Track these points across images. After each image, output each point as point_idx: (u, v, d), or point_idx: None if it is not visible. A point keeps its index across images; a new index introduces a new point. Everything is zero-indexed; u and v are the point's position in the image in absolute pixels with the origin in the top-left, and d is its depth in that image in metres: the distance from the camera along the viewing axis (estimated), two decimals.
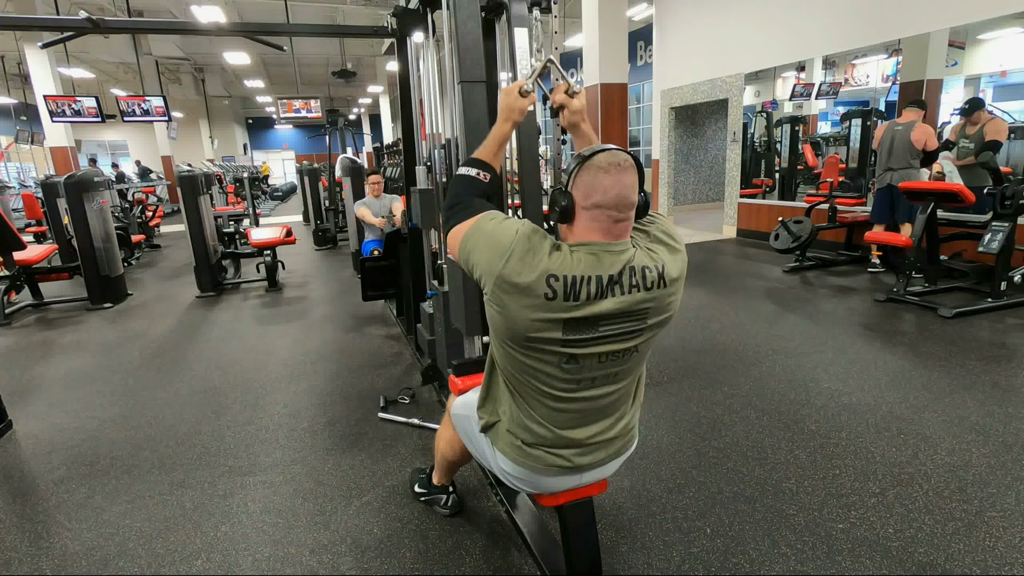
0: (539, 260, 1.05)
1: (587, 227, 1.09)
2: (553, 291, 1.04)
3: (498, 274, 1.06)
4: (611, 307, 1.06)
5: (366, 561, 1.63)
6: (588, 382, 1.15)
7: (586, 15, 5.49)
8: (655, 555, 1.62)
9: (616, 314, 1.08)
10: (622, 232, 1.09)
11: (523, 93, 1.29)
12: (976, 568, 1.52)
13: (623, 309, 1.08)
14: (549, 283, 1.04)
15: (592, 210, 1.07)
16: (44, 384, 3.12)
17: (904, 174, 4.33)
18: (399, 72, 3.08)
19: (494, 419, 1.29)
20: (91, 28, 3.16)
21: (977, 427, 2.24)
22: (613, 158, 1.06)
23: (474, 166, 1.28)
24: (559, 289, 1.04)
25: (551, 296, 1.04)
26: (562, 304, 1.04)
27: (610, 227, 1.08)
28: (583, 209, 1.08)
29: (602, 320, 1.07)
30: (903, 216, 4.42)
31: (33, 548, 1.75)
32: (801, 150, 6.67)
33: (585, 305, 1.05)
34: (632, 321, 1.10)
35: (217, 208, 7.23)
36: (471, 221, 1.15)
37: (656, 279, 1.09)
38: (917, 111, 4.36)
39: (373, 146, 17.09)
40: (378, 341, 3.62)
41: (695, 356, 3.12)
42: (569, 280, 1.04)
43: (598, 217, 1.07)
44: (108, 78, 16.11)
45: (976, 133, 4.21)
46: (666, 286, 1.11)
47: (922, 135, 4.24)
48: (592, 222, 1.08)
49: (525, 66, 1.95)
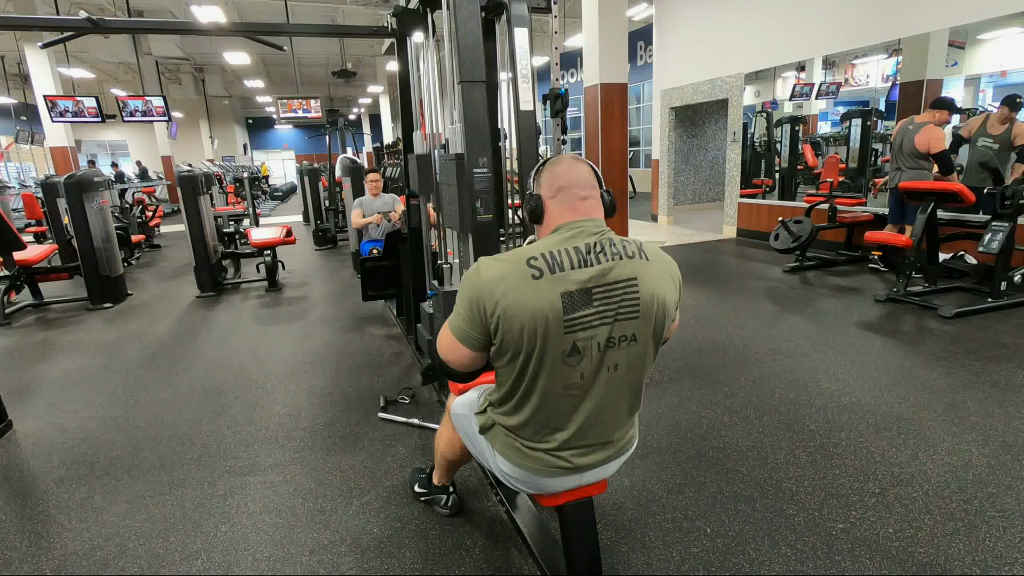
0: (511, 268, 1.10)
1: (557, 212, 1.18)
2: (538, 270, 1.09)
3: (497, 311, 1.09)
4: (597, 273, 1.11)
5: (366, 561, 1.63)
6: (590, 378, 1.15)
7: (586, 15, 5.49)
8: (655, 555, 1.62)
9: (605, 283, 1.11)
10: (590, 209, 1.18)
11: None
12: (976, 568, 1.52)
13: (611, 279, 1.11)
14: (531, 264, 1.10)
15: (557, 195, 1.18)
16: (44, 384, 3.12)
17: (913, 174, 4.23)
18: (399, 72, 3.08)
19: (493, 420, 1.29)
20: (91, 28, 3.17)
21: (977, 427, 2.24)
22: (563, 156, 1.24)
23: None
24: (542, 266, 1.09)
25: (538, 275, 1.09)
26: (550, 277, 1.09)
27: (576, 204, 1.17)
28: (549, 199, 1.19)
29: (595, 292, 1.10)
30: (910, 217, 4.30)
31: (33, 548, 1.75)
32: (801, 150, 6.67)
33: (571, 273, 1.10)
34: (623, 292, 1.12)
35: (217, 208, 7.23)
36: (444, 326, 1.21)
37: (636, 251, 1.15)
38: (933, 112, 4.17)
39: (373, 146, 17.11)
40: (378, 341, 3.62)
41: (695, 356, 3.12)
42: (548, 255, 1.11)
43: (564, 198, 1.18)
44: (108, 78, 16.11)
45: (1004, 133, 4.07)
46: (648, 260, 1.16)
47: (926, 138, 4.09)
48: (560, 205, 1.18)
49: (525, 66, 1.95)
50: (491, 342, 1.14)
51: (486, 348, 1.16)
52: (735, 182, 6.93)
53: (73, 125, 9.91)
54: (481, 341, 1.14)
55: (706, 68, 6.99)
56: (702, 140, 9.03)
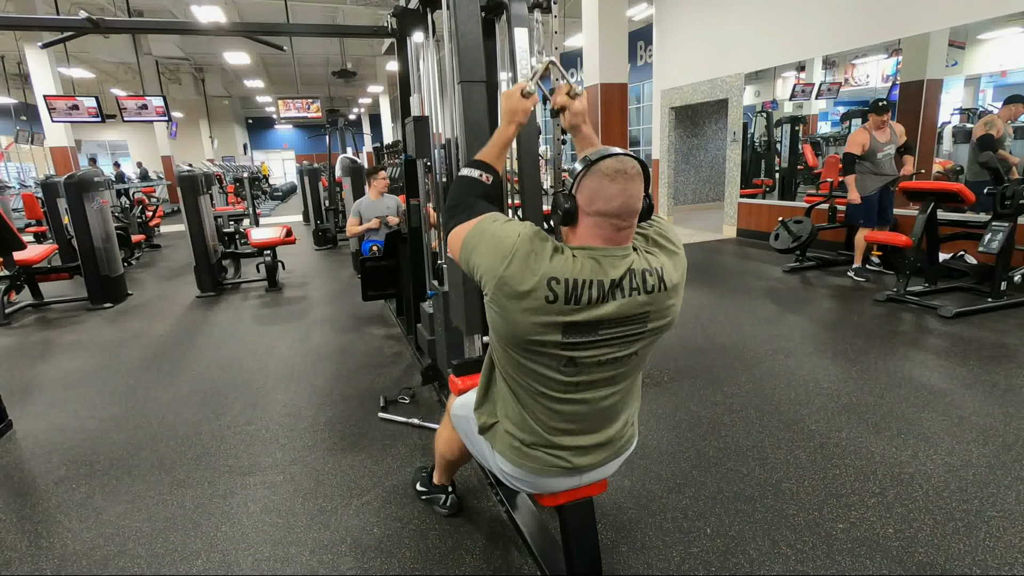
0: (540, 263, 1.04)
1: (590, 232, 1.08)
2: (555, 294, 1.03)
3: (499, 276, 1.05)
4: (612, 311, 1.06)
5: (366, 561, 1.63)
6: (587, 385, 1.15)
7: (586, 15, 5.49)
8: (655, 555, 1.62)
9: (617, 318, 1.08)
10: (624, 239, 1.09)
11: (525, 94, 1.28)
12: (976, 568, 1.52)
13: (624, 313, 1.08)
14: (550, 286, 1.03)
15: (595, 216, 1.06)
16: (44, 384, 3.12)
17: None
18: (399, 72, 3.08)
19: (493, 420, 1.29)
20: (91, 28, 3.17)
21: (977, 427, 2.24)
22: (620, 165, 1.04)
23: (477, 167, 1.27)
24: (560, 292, 1.03)
25: (552, 299, 1.03)
26: (563, 307, 1.04)
27: (613, 235, 1.07)
28: (586, 215, 1.07)
29: (603, 324, 1.07)
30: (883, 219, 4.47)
31: (33, 548, 1.75)
32: (801, 150, 6.67)
33: (586, 309, 1.05)
34: (632, 325, 1.10)
35: (217, 208, 7.24)
36: (473, 222, 1.14)
37: (656, 283, 1.09)
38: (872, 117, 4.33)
39: (373, 146, 17.10)
40: (378, 341, 3.62)
41: (695, 356, 3.12)
42: (571, 284, 1.04)
43: (601, 224, 1.07)
44: (108, 78, 16.11)
45: None
46: (665, 289, 1.11)
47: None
48: (595, 228, 1.07)
49: (525, 66, 1.95)
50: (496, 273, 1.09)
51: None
52: (735, 182, 6.93)
53: (73, 125, 9.91)
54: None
55: (706, 68, 6.99)
56: (702, 140, 9.03)
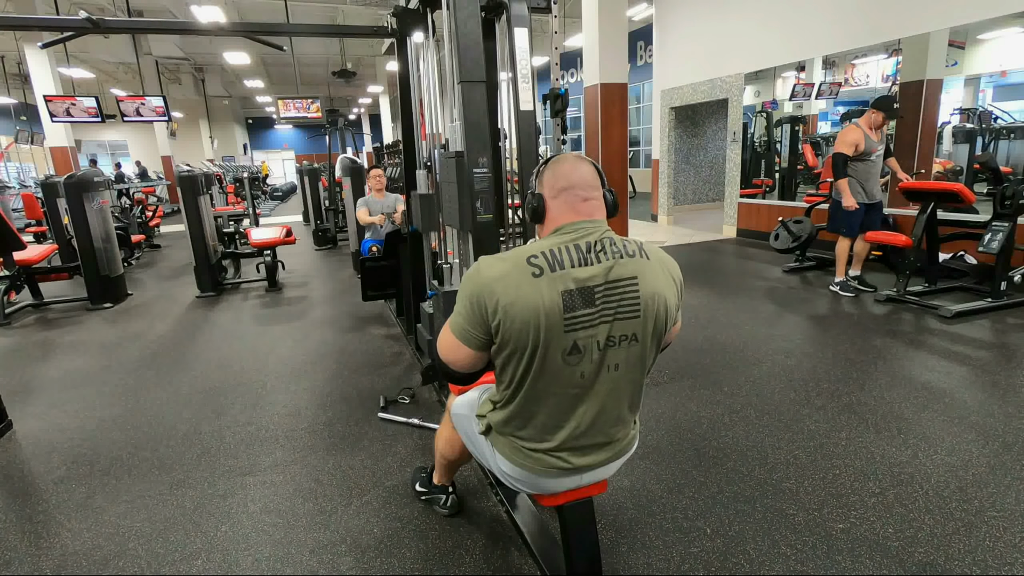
0: (511, 267, 1.10)
1: (558, 212, 1.18)
2: (539, 268, 1.09)
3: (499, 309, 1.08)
4: (598, 272, 1.10)
5: (366, 561, 1.63)
6: (590, 377, 1.15)
7: (586, 15, 5.49)
8: (655, 555, 1.62)
9: (607, 283, 1.11)
10: (592, 211, 1.18)
11: None
12: (976, 568, 1.52)
13: (612, 277, 1.11)
14: (531, 262, 1.10)
15: (559, 195, 1.17)
16: (44, 384, 3.12)
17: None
18: (399, 72, 3.08)
19: (494, 420, 1.29)
20: (91, 28, 3.16)
21: (977, 427, 2.24)
22: (566, 155, 1.22)
23: None
24: (543, 264, 1.09)
25: (538, 273, 1.08)
26: (550, 275, 1.09)
27: (578, 205, 1.17)
28: (551, 199, 1.18)
29: (596, 291, 1.10)
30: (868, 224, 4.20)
31: (33, 548, 1.75)
32: (801, 150, 6.67)
33: (572, 271, 1.09)
34: (624, 292, 1.12)
35: (217, 208, 7.23)
36: (446, 326, 1.21)
37: (637, 250, 1.16)
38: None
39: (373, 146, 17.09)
40: (378, 341, 3.62)
41: (695, 356, 3.12)
42: (548, 253, 1.11)
43: (566, 199, 1.17)
44: (108, 78, 16.12)
45: None
46: (648, 259, 1.16)
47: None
48: (562, 205, 1.17)
49: (525, 66, 1.95)
50: (492, 341, 1.13)
51: (487, 347, 1.16)
52: (735, 182, 6.93)
53: (73, 125, 9.91)
54: (483, 340, 1.14)
55: (706, 68, 6.99)
56: (702, 140, 9.04)
